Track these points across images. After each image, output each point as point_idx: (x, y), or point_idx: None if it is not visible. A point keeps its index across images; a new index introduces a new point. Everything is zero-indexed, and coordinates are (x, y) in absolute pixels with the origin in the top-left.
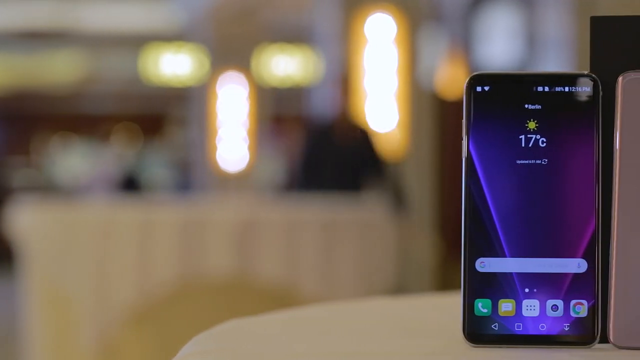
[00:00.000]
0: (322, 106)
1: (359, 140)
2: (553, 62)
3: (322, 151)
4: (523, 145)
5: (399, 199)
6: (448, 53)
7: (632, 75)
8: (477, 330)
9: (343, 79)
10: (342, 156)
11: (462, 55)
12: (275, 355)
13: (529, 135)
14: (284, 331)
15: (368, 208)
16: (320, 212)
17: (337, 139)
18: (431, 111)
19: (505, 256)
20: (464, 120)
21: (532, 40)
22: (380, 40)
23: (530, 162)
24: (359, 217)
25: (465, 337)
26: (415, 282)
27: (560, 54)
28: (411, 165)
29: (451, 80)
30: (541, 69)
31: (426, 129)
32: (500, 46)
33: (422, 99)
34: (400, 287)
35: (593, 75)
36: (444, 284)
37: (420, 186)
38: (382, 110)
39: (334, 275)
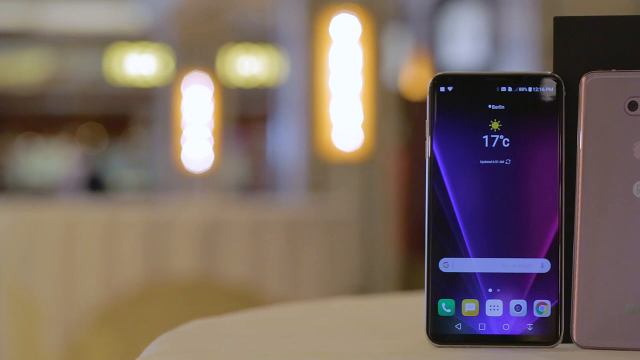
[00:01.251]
0: (287, 106)
1: None
2: (518, 63)
3: None
4: (486, 145)
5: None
6: (413, 53)
7: (595, 75)
8: (440, 331)
9: None
10: None
11: (426, 56)
12: (238, 355)
13: (492, 136)
14: (248, 331)
15: (333, 208)
16: (285, 212)
17: None
18: (396, 111)
19: (468, 256)
20: (427, 121)
21: (496, 41)
22: (345, 41)
23: (493, 162)
24: (323, 217)
25: (429, 337)
26: (379, 282)
27: (525, 54)
28: (376, 165)
29: (416, 80)
30: (506, 69)
31: (391, 129)
32: (465, 46)
33: (387, 99)
34: (364, 287)
35: (556, 76)
36: (409, 284)
37: (385, 186)
38: (347, 110)
39: (298, 275)
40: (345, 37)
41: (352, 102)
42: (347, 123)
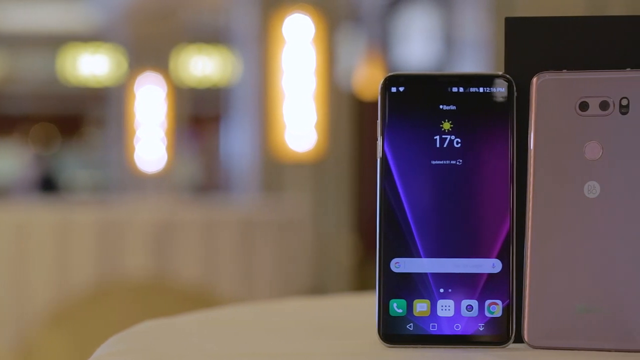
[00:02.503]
0: (241, 107)
1: None
2: (471, 63)
3: None
4: (438, 145)
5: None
6: (366, 53)
7: (546, 75)
8: (392, 331)
9: None
10: None
11: (380, 56)
12: (189, 355)
13: (443, 136)
14: (199, 332)
15: (287, 208)
16: (238, 212)
17: None
18: (349, 112)
19: (420, 256)
20: (379, 121)
21: (450, 41)
22: (298, 41)
23: (445, 162)
24: (277, 217)
25: (380, 337)
26: (333, 282)
27: (478, 54)
28: (329, 165)
29: (369, 80)
30: (459, 70)
31: (344, 130)
32: (418, 47)
33: (340, 100)
34: (318, 288)
35: (507, 76)
36: (362, 284)
37: (338, 186)
38: (300, 110)
39: (252, 276)
40: (298, 38)
41: (305, 102)
42: (300, 123)
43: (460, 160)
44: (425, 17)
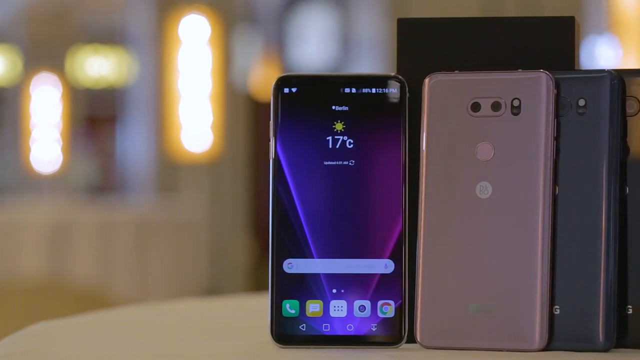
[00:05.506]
0: (137, 107)
1: None
2: (367, 64)
3: None
4: (330, 146)
5: None
6: (262, 54)
7: (438, 76)
8: (284, 331)
9: None
10: None
11: (276, 57)
12: (82, 357)
13: (336, 137)
14: (93, 333)
15: (182, 209)
16: (134, 213)
17: None
18: (245, 112)
19: (312, 257)
20: (271, 122)
21: (346, 42)
22: (194, 42)
23: (337, 163)
24: (172, 218)
25: (273, 338)
26: (229, 283)
27: (374, 55)
28: (226, 166)
29: (265, 81)
30: (355, 71)
31: (240, 130)
32: (314, 47)
33: (236, 100)
34: (214, 288)
35: (400, 77)
36: (258, 284)
37: (234, 187)
38: (196, 111)
39: (148, 276)
40: (194, 38)
41: (202, 103)
42: (196, 124)
43: (353, 161)
44: (322, 18)
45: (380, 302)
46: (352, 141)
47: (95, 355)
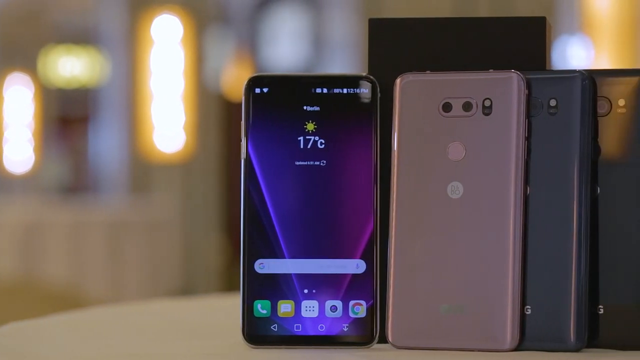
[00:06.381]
0: (109, 108)
1: None
2: (340, 64)
3: None
4: (302, 146)
5: None
6: (234, 54)
7: (410, 77)
8: (256, 332)
9: None
10: None
11: (248, 57)
12: (54, 357)
13: (307, 137)
14: (66, 333)
15: (155, 209)
16: (106, 213)
17: None
18: (218, 112)
19: (284, 257)
20: (242, 122)
21: (318, 42)
22: (166, 42)
23: (308, 163)
24: (145, 218)
25: (245, 338)
26: (202, 283)
27: (346, 55)
28: (198, 166)
29: (238, 81)
30: (327, 71)
31: (213, 130)
32: (286, 48)
33: (208, 101)
34: (187, 289)
35: (371, 77)
36: (231, 285)
37: (207, 187)
38: (169, 111)
39: (120, 277)
40: (166, 38)
41: (174, 103)
42: (168, 124)
43: (324, 161)
44: (294, 18)
45: (351, 302)
46: (323, 141)
47: (68, 356)
